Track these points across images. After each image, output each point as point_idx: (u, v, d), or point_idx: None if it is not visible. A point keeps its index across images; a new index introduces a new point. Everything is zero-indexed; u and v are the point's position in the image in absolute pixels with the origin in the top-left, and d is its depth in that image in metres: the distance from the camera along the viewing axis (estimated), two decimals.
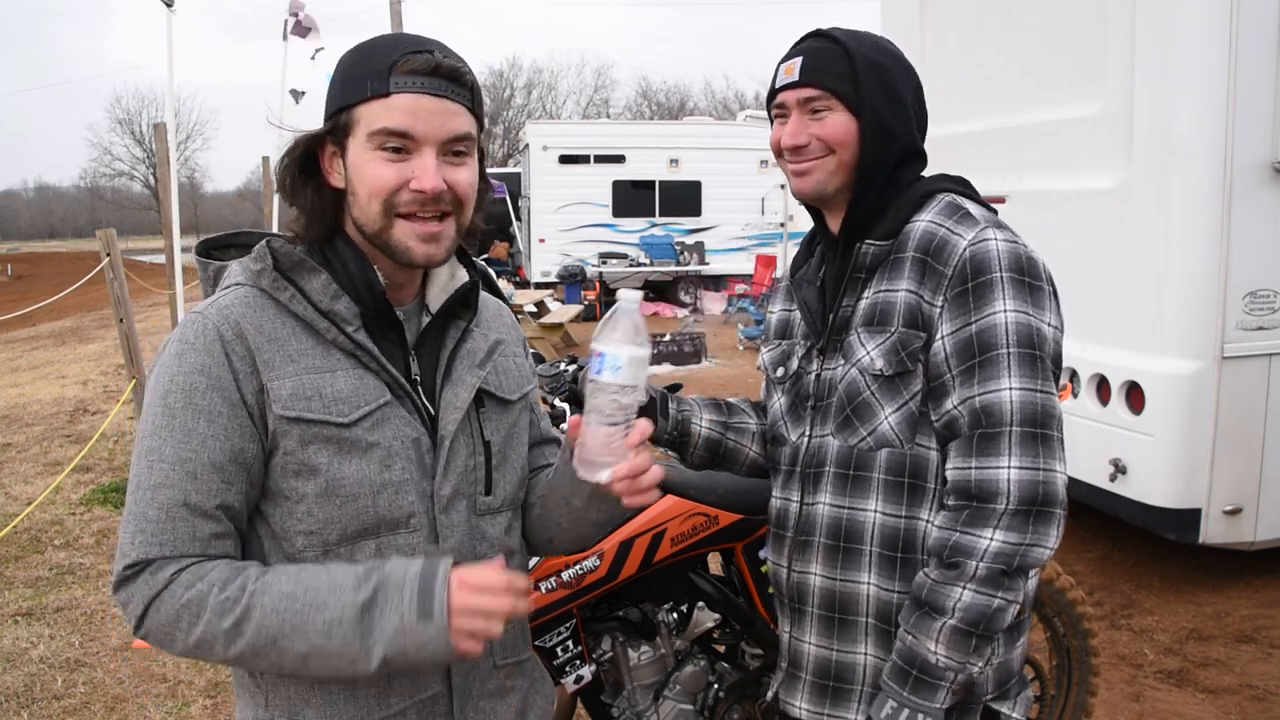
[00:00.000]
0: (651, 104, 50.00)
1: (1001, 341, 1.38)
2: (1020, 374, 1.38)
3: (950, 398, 1.42)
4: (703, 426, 1.71)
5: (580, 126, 24.17)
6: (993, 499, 1.36)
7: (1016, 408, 1.37)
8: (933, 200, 1.50)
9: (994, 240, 1.41)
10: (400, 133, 1.16)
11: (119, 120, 54.68)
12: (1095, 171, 4.14)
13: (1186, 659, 3.68)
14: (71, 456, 6.62)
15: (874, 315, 1.48)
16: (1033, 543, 1.35)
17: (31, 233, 70.15)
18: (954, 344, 1.41)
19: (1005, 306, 1.39)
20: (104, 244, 6.28)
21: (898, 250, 1.48)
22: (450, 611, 1.10)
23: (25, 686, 3.60)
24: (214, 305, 1.20)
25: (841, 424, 1.50)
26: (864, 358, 1.47)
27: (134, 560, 1.12)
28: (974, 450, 1.39)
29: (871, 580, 1.49)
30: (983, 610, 1.35)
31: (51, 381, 10.51)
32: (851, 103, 1.46)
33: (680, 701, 2.34)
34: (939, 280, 1.42)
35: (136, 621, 1.13)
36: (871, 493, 1.48)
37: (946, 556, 1.38)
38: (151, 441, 1.15)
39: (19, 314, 11.81)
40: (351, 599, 1.10)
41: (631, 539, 2.22)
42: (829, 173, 1.49)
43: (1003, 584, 1.35)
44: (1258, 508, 3.96)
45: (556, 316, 11.82)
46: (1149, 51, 3.85)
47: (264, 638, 1.10)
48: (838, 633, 1.53)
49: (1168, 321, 3.88)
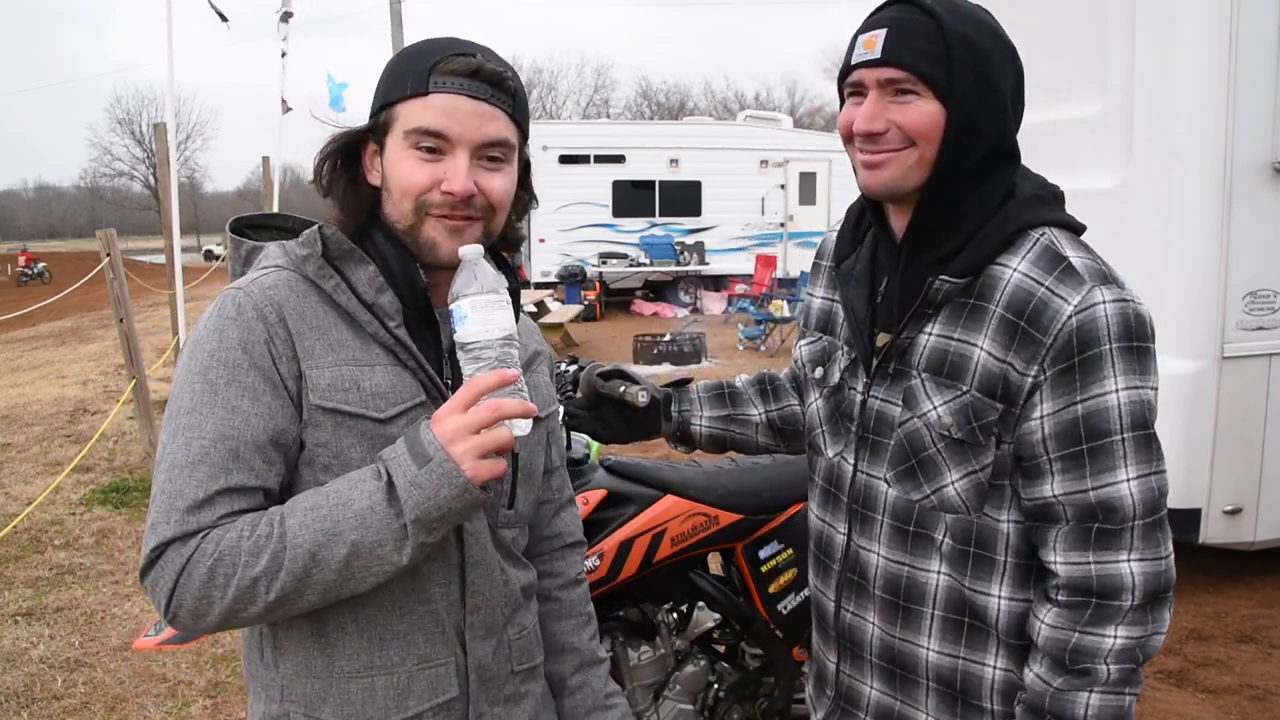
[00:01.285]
0: (651, 104, 50.04)
1: (1115, 428, 1.23)
2: (1137, 462, 1.24)
3: (1048, 483, 1.27)
4: (703, 426, 1.70)
5: (580, 126, 24.20)
6: (1118, 596, 1.25)
7: (1138, 501, 1.24)
8: (1026, 241, 1.29)
9: (1102, 304, 1.22)
10: (435, 132, 1.15)
11: (119, 120, 54.83)
12: (1095, 171, 4.14)
13: (1186, 659, 3.68)
14: (71, 456, 6.62)
15: (943, 365, 1.31)
16: (1154, 631, 1.26)
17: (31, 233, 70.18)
18: (1056, 426, 1.25)
19: (1117, 385, 1.23)
20: (104, 244, 6.28)
21: (979, 296, 1.29)
22: (443, 445, 1.07)
23: (25, 686, 3.60)
24: (256, 284, 1.16)
25: (901, 475, 1.36)
26: (930, 412, 1.32)
27: (168, 538, 1.07)
28: (1092, 545, 1.25)
29: (932, 646, 1.38)
30: (1115, 714, 1.26)
31: (51, 381, 10.51)
32: (940, 89, 1.25)
33: (680, 701, 2.34)
34: (1035, 350, 1.24)
35: (166, 599, 1.07)
36: (934, 555, 1.35)
37: (1070, 661, 1.26)
38: (190, 418, 1.10)
39: (19, 314, 11.81)
40: (375, 484, 1.09)
41: (631, 539, 2.22)
42: (908, 168, 1.29)
43: (1131, 680, 1.26)
44: (1258, 508, 3.96)
45: (556, 316, 11.83)
46: (1149, 51, 3.85)
47: (302, 559, 1.07)
48: (900, 686, 1.44)
49: (1168, 321, 3.87)
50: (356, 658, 1.19)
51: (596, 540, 2.19)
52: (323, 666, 1.19)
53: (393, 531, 1.08)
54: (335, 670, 1.19)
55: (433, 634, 1.21)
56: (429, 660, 1.21)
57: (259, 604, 1.07)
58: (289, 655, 1.20)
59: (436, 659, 1.22)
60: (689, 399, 1.71)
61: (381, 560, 1.09)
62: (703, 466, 2.45)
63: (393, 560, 1.10)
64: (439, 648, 1.22)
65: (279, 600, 1.08)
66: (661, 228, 17.13)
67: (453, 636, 1.23)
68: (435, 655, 1.22)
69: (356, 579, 1.10)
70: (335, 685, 1.19)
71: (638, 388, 1.67)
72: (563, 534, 1.48)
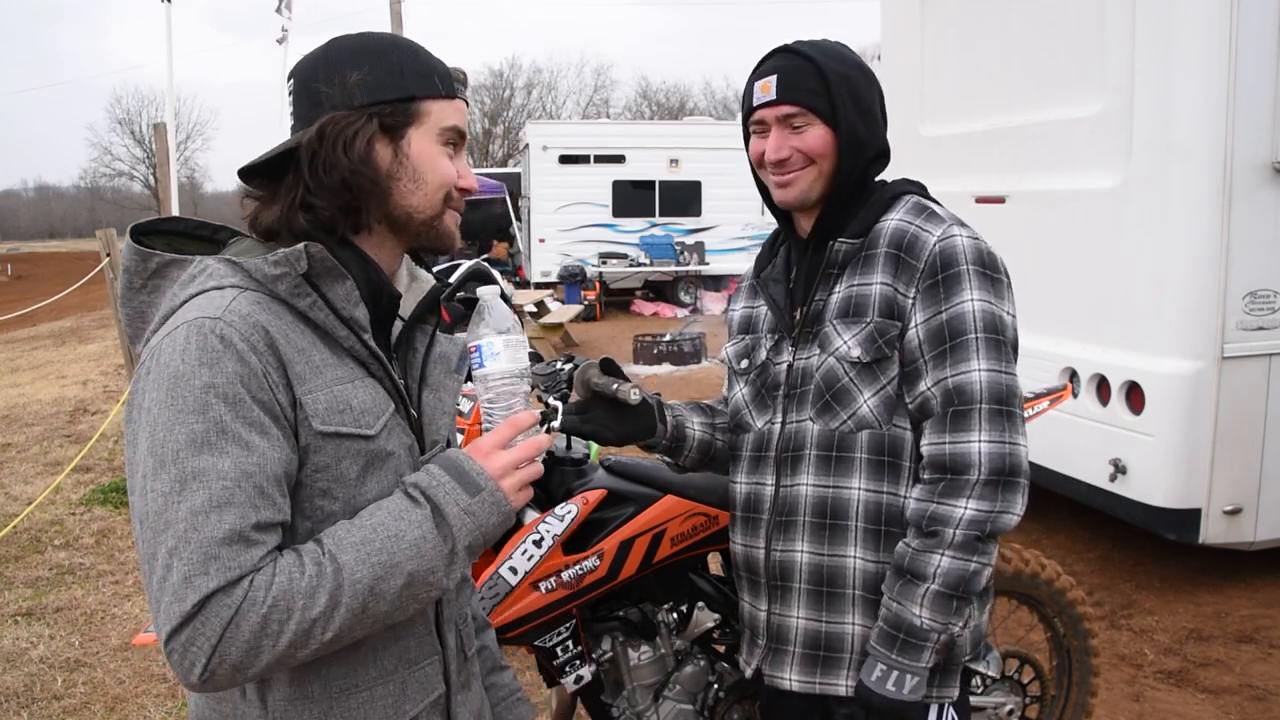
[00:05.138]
0: (651, 104, 50.02)
1: (970, 328, 1.52)
2: (988, 357, 1.51)
3: (923, 380, 1.55)
4: (696, 430, 1.82)
5: (580, 126, 24.17)
6: (966, 471, 1.49)
7: (985, 387, 1.50)
8: (900, 201, 1.64)
9: (960, 237, 1.56)
10: (463, 133, 1.27)
11: (119, 120, 54.68)
12: (1095, 171, 4.14)
13: (1186, 659, 3.68)
14: (71, 456, 6.62)
15: (849, 307, 1.60)
16: (1002, 509, 1.49)
17: (31, 233, 70.12)
18: (926, 331, 1.54)
19: (972, 296, 1.52)
20: (104, 244, 6.28)
21: (869, 247, 1.61)
22: (493, 476, 1.17)
23: (25, 686, 3.60)
24: (232, 311, 1.08)
25: (821, 409, 1.62)
26: (841, 346, 1.59)
27: (211, 589, 0.98)
28: (947, 427, 1.52)
29: (858, 554, 1.60)
30: (961, 574, 1.49)
31: (51, 381, 10.51)
32: (826, 116, 1.58)
33: (680, 701, 2.34)
34: (911, 273, 1.56)
35: (207, 658, 0.98)
36: (855, 472, 1.59)
37: (925, 526, 1.51)
38: (200, 461, 1.01)
39: (19, 314, 11.81)
40: (420, 514, 1.13)
41: (631, 539, 2.22)
42: (811, 181, 1.62)
43: (977, 549, 1.49)
44: (1258, 508, 3.96)
45: (556, 316, 11.82)
46: (1149, 51, 3.85)
47: (361, 594, 1.06)
48: (826, 605, 1.63)
49: (1168, 321, 3.88)
50: (353, 673, 1.18)
51: (596, 540, 2.19)
52: (319, 689, 1.17)
53: (444, 558, 1.13)
54: (332, 690, 1.17)
55: (420, 634, 1.25)
56: (418, 662, 1.25)
57: (312, 645, 1.04)
58: (278, 687, 1.15)
59: (424, 658, 1.25)
60: (676, 407, 1.83)
61: (431, 586, 1.13)
62: None
63: (442, 585, 1.15)
64: (425, 647, 1.26)
65: (334, 639, 1.06)
66: (661, 228, 17.12)
67: (433, 633, 1.27)
68: (423, 655, 1.25)
69: (404, 607, 1.13)
70: (335, 705, 1.17)
71: (629, 385, 1.74)
72: None
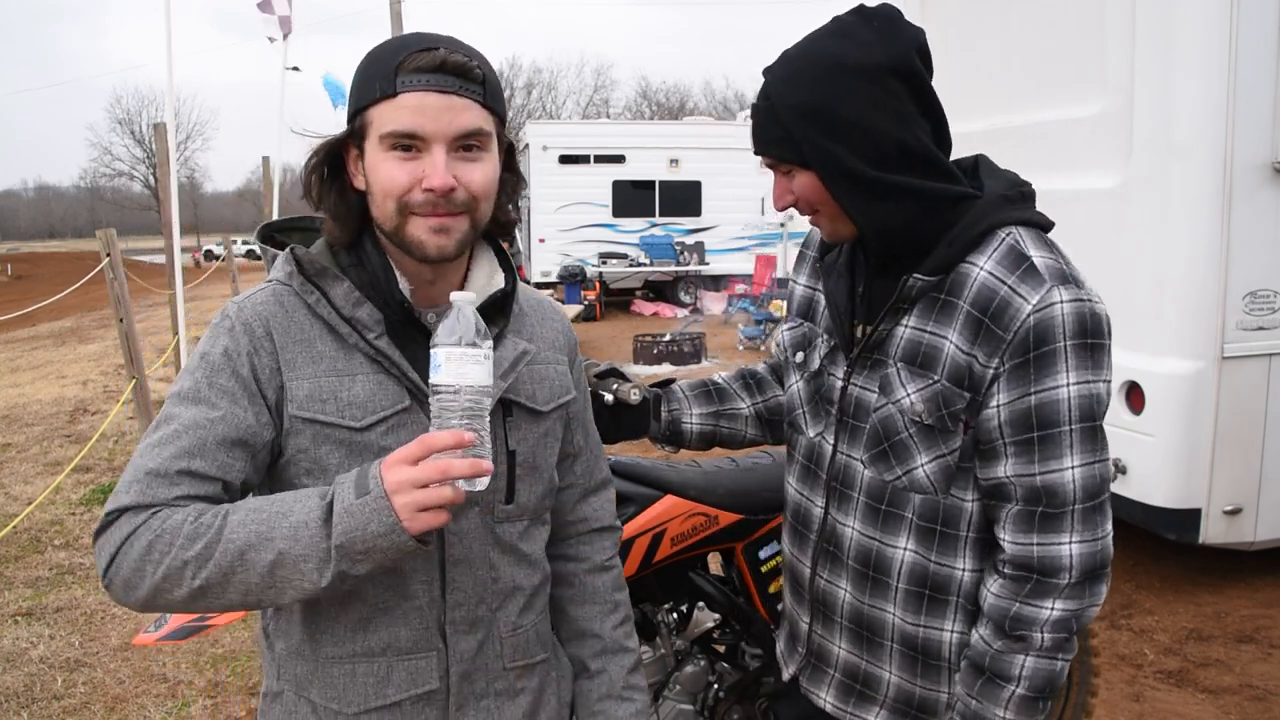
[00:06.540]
0: (651, 104, 50.04)
1: (1063, 419, 1.33)
2: (1082, 451, 1.35)
3: (1002, 465, 1.37)
4: (693, 424, 1.76)
5: (580, 126, 24.18)
6: (1056, 574, 1.36)
7: (1079, 487, 1.36)
8: (992, 240, 1.37)
9: (1059, 304, 1.31)
10: (408, 133, 1.16)
11: (119, 120, 54.80)
12: (1095, 171, 4.14)
13: (1186, 659, 3.68)
14: (71, 456, 6.62)
15: (916, 355, 1.40)
16: (1089, 604, 1.38)
17: (31, 233, 70.12)
18: (1010, 414, 1.34)
19: (1068, 380, 1.32)
20: (104, 244, 6.28)
21: (949, 292, 1.38)
22: (385, 485, 1.07)
23: (25, 686, 3.60)
24: (249, 300, 1.25)
25: (875, 457, 1.46)
26: (904, 399, 1.41)
27: (124, 505, 1.13)
28: (1036, 527, 1.37)
29: (897, 613, 1.50)
30: (1048, 675, 1.39)
31: (51, 381, 10.51)
32: (799, 161, 1.37)
33: (680, 701, 2.34)
34: (996, 344, 1.33)
35: (107, 563, 1.13)
36: (903, 532, 1.46)
37: (1010, 628, 1.38)
38: (173, 408, 1.19)
39: (19, 314, 11.81)
40: (316, 503, 1.11)
41: (631, 539, 2.22)
42: (830, 223, 1.43)
43: (1064, 648, 1.38)
44: (1258, 508, 3.96)
45: None
46: (1149, 51, 3.85)
47: (231, 554, 1.09)
48: (866, 647, 1.55)
49: (1168, 321, 3.88)
50: (340, 644, 1.24)
51: None
52: (310, 650, 1.26)
53: (318, 551, 1.09)
54: (320, 654, 1.25)
55: (415, 628, 1.25)
56: (410, 652, 1.25)
57: (184, 588, 1.11)
58: (282, 638, 1.29)
59: (417, 651, 1.26)
60: (676, 398, 1.77)
61: (302, 576, 1.10)
62: (702, 466, 2.45)
63: (312, 580, 1.10)
64: (421, 641, 1.26)
65: (202, 589, 1.11)
66: (661, 228, 17.13)
67: (435, 631, 1.26)
68: (417, 648, 1.26)
69: (277, 589, 1.11)
70: (320, 669, 1.26)
71: (629, 385, 1.73)
72: (589, 519, 1.48)
